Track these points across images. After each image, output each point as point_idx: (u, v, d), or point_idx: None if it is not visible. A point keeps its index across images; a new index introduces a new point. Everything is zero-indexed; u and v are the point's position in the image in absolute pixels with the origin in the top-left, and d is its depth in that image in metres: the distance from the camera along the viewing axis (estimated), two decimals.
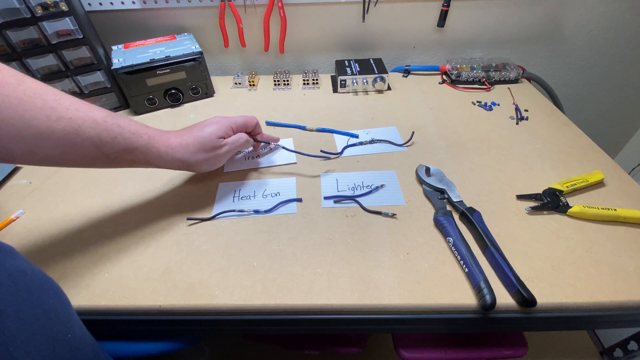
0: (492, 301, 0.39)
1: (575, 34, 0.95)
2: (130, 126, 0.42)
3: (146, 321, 0.43)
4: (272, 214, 0.53)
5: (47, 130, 0.35)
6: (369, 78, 0.84)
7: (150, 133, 0.45)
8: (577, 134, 0.69)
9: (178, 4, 0.84)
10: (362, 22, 0.91)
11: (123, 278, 0.44)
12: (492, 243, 0.45)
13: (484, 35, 0.95)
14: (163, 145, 0.45)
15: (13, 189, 0.60)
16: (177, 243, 0.49)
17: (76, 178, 0.62)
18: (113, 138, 0.40)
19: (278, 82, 0.88)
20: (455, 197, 0.53)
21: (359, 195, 0.55)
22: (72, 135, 0.37)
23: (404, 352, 0.54)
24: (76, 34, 0.70)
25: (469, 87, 0.86)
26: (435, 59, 1.00)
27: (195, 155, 0.48)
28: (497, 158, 0.63)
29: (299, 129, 0.72)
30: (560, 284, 0.42)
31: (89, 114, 0.38)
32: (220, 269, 0.45)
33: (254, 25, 0.90)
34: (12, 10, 0.64)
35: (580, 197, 0.54)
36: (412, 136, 0.68)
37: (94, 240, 0.50)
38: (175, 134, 0.48)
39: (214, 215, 0.52)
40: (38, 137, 0.35)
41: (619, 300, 0.41)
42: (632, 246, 0.47)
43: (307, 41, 0.95)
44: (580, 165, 0.61)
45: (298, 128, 0.73)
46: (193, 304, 0.41)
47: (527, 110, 0.77)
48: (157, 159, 0.45)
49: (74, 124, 0.37)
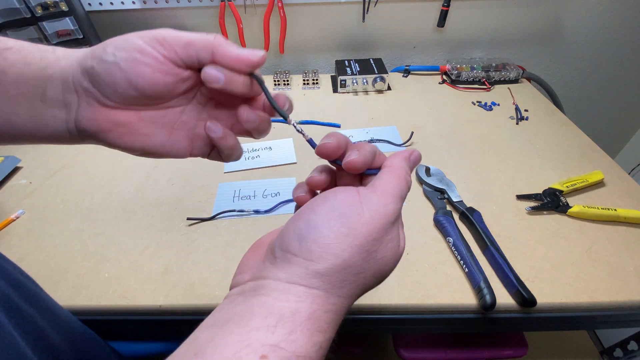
0: (492, 301, 0.39)
1: (575, 34, 0.95)
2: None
3: (146, 321, 0.43)
4: (272, 214, 0.53)
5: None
6: (369, 78, 0.84)
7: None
8: (577, 134, 0.69)
9: (178, 4, 0.84)
10: (362, 22, 0.91)
11: (123, 278, 0.44)
12: (492, 243, 0.45)
13: (484, 35, 0.95)
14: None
15: (13, 189, 0.60)
16: (177, 243, 0.49)
17: (76, 178, 0.62)
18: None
19: (278, 82, 0.88)
20: (455, 197, 0.53)
21: None
22: None
23: (404, 352, 0.54)
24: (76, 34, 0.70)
25: (469, 87, 0.86)
26: (435, 59, 0.99)
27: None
28: (497, 158, 0.63)
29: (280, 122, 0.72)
30: (560, 283, 0.42)
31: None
32: (220, 269, 0.45)
33: (254, 25, 0.90)
34: (12, 10, 0.64)
35: (580, 197, 0.54)
36: (411, 136, 0.68)
37: (93, 240, 0.50)
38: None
39: (214, 215, 0.52)
40: None
41: (619, 300, 0.41)
42: (632, 246, 0.47)
43: (307, 41, 0.95)
44: (580, 165, 0.61)
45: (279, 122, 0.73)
46: (193, 304, 0.41)
47: (527, 110, 0.77)
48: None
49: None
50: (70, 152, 0.68)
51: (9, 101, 0.24)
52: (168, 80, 0.23)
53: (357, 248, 0.20)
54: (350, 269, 0.20)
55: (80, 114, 0.24)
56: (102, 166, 0.64)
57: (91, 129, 0.24)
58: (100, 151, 0.68)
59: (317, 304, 0.20)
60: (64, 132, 0.25)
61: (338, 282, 0.20)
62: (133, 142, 0.25)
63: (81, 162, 0.65)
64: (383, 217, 0.21)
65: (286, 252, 0.21)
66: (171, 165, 0.63)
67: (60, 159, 0.66)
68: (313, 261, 0.20)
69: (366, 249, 0.21)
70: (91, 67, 0.23)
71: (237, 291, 0.22)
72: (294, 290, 0.20)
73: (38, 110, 0.24)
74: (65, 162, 0.66)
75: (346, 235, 0.20)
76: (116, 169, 0.63)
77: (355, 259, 0.20)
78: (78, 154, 0.68)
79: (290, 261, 0.20)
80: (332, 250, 0.20)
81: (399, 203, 0.23)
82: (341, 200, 0.22)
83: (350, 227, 0.20)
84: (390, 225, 0.22)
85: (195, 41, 0.23)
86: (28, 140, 0.26)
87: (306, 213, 0.22)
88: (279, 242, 0.22)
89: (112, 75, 0.22)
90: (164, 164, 0.64)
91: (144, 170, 0.62)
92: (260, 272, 0.22)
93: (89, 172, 0.63)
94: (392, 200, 0.22)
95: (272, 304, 0.19)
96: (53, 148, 0.69)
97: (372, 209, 0.21)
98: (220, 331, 0.19)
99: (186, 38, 0.23)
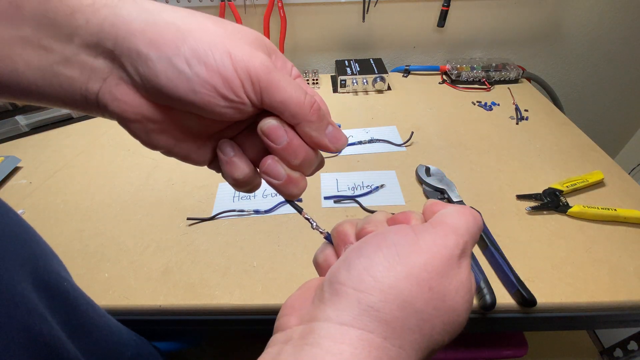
0: (492, 301, 0.39)
1: (575, 34, 0.95)
2: None
3: (146, 321, 0.43)
4: (272, 214, 0.53)
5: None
6: (369, 78, 0.84)
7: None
8: (577, 134, 0.69)
9: (178, 4, 0.84)
10: (362, 22, 0.91)
11: (123, 278, 0.44)
12: (492, 243, 0.45)
13: (484, 35, 0.95)
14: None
15: (13, 189, 0.60)
16: (177, 243, 0.49)
17: (76, 178, 0.62)
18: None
19: None
20: (455, 197, 0.53)
21: (358, 195, 0.55)
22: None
23: None
24: None
25: (469, 87, 0.86)
26: (435, 59, 0.99)
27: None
28: (497, 158, 0.63)
29: None
30: (560, 283, 0.42)
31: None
32: (220, 269, 0.45)
33: (254, 25, 0.90)
34: None
35: (580, 197, 0.54)
36: (411, 136, 0.68)
37: (94, 240, 0.50)
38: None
39: (214, 215, 0.52)
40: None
41: (619, 300, 0.41)
42: (632, 246, 0.47)
43: (307, 41, 0.95)
44: (580, 165, 0.61)
45: None
46: (193, 304, 0.41)
47: (527, 110, 0.77)
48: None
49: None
50: (70, 152, 0.68)
51: (20, 45, 0.18)
52: (234, 116, 0.19)
53: (415, 280, 0.17)
54: (411, 307, 0.17)
55: (107, 89, 0.19)
56: (102, 166, 0.64)
57: (114, 110, 0.19)
58: (100, 151, 0.68)
59: (374, 357, 0.16)
60: (81, 99, 0.19)
61: (398, 325, 0.16)
62: (160, 141, 0.21)
63: (81, 162, 0.65)
64: (443, 247, 0.18)
65: (335, 282, 0.18)
66: (171, 165, 0.63)
67: (60, 159, 0.66)
68: (365, 292, 0.17)
69: (428, 285, 0.17)
70: (147, 56, 0.17)
71: (282, 338, 0.19)
72: (347, 336, 0.16)
73: (54, 65, 0.18)
74: (65, 162, 0.65)
75: (400, 264, 0.17)
76: (116, 169, 0.63)
77: (416, 294, 0.17)
78: (78, 154, 0.68)
79: (339, 293, 0.17)
80: (386, 280, 0.17)
81: (464, 236, 0.19)
82: (393, 232, 0.19)
83: (404, 255, 0.17)
84: (454, 260, 0.18)
85: (290, 105, 0.19)
86: (34, 97, 0.19)
87: (357, 245, 0.19)
88: (329, 276, 0.19)
89: (175, 86, 0.17)
90: (164, 164, 0.64)
91: (144, 170, 0.62)
92: (308, 314, 0.19)
93: (89, 172, 0.63)
94: (453, 231, 0.19)
95: (323, 357, 0.16)
96: (53, 148, 0.69)
97: (428, 239, 0.18)
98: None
99: (282, 96, 0.19)
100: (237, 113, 0.19)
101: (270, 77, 0.18)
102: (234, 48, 0.18)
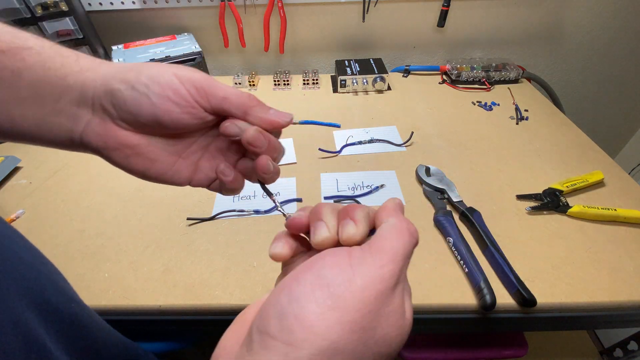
0: (492, 301, 0.39)
1: (575, 34, 0.95)
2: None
3: (146, 321, 0.43)
4: (272, 214, 0.53)
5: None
6: (369, 78, 0.84)
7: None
8: (577, 134, 0.69)
9: (178, 4, 0.84)
10: (362, 22, 0.91)
11: (123, 278, 0.44)
12: (492, 243, 0.45)
13: (484, 35, 0.95)
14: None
15: (13, 189, 0.60)
16: (177, 243, 0.49)
17: (76, 178, 0.62)
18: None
19: (278, 82, 0.88)
20: (455, 197, 0.53)
21: (358, 195, 0.55)
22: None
23: (404, 352, 0.54)
24: (76, 34, 0.70)
25: (469, 87, 0.86)
26: (435, 59, 0.99)
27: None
28: (497, 158, 0.63)
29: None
30: (560, 283, 0.42)
31: None
32: (220, 269, 0.45)
33: (254, 25, 0.90)
34: (12, 10, 0.64)
35: (580, 197, 0.54)
36: (411, 136, 0.68)
37: (94, 240, 0.50)
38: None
39: (214, 215, 0.52)
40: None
41: (619, 300, 0.41)
42: (632, 246, 0.47)
43: (307, 41, 0.95)
44: (580, 165, 0.61)
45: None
46: (193, 304, 0.41)
47: (527, 110, 0.77)
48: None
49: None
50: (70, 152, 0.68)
51: (18, 104, 0.23)
52: (193, 122, 0.24)
53: (349, 325, 0.16)
54: (342, 354, 0.16)
55: (90, 128, 0.24)
56: (102, 166, 0.64)
57: (97, 144, 0.24)
58: None
59: None
60: (67, 140, 0.25)
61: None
62: (137, 164, 0.26)
63: (81, 162, 0.65)
64: (379, 282, 0.17)
65: (264, 334, 0.17)
66: None
67: (60, 159, 0.66)
68: (294, 345, 0.16)
69: (360, 326, 0.16)
70: (118, 89, 0.23)
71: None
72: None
73: (46, 116, 0.24)
74: (65, 162, 0.66)
75: (333, 309, 0.16)
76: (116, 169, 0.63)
77: (347, 340, 0.16)
78: (78, 154, 0.67)
79: (268, 347, 0.16)
80: (317, 329, 0.16)
81: (400, 262, 0.18)
82: (328, 266, 0.18)
83: (338, 297, 0.16)
84: (389, 292, 0.17)
85: (231, 98, 0.24)
86: (27, 141, 0.25)
87: (289, 283, 0.18)
88: (258, 320, 0.18)
89: (139, 105, 0.23)
90: None
91: None
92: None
93: (89, 172, 0.63)
94: (391, 259, 0.18)
95: None
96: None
97: (365, 273, 0.17)
98: None
99: (223, 92, 0.24)
100: (193, 118, 0.24)
101: (209, 82, 0.24)
102: (178, 70, 0.24)
